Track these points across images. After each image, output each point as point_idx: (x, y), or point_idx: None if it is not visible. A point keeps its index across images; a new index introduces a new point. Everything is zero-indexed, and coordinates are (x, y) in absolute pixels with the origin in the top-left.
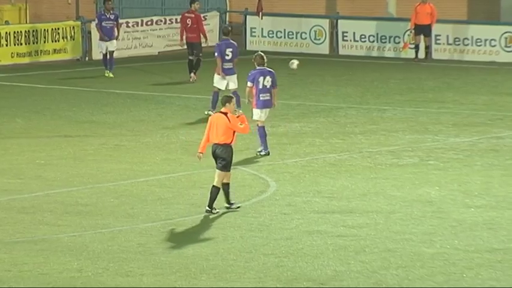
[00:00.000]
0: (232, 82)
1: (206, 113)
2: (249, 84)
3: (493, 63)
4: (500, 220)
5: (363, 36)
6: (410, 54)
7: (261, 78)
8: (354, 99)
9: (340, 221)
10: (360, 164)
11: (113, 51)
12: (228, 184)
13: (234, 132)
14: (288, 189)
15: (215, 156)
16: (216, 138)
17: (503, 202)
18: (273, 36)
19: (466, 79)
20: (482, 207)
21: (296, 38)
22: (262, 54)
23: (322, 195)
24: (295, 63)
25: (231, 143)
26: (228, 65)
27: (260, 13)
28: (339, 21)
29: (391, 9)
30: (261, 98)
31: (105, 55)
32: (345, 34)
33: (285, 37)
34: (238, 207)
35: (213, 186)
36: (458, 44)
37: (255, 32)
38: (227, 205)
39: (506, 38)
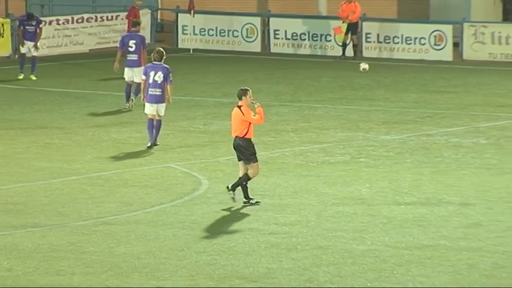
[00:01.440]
0: (136, 75)
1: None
2: (143, 77)
3: (422, 61)
4: (430, 217)
5: (294, 34)
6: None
7: (152, 73)
8: (286, 97)
9: (272, 218)
10: (292, 162)
11: (35, 55)
12: (247, 176)
13: (250, 124)
14: (220, 187)
15: (235, 148)
16: (234, 132)
17: (432, 199)
18: (204, 34)
19: (396, 77)
20: (412, 204)
21: (228, 35)
22: (160, 49)
23: (254, 193)
24: (362, 66)
25: (246, 134)
26: (131, 57)
27: (192, 11)
28: (271, 19)
29: (321, 8)
30: (150, 93)
31: (23, 55)
32: (276, 32)
33: (216, 35)
34: (257, 202)
35: (239, 178)
36: (389, 42)
37: (186, 29)
38: (245, 200)
39: (435, 37)
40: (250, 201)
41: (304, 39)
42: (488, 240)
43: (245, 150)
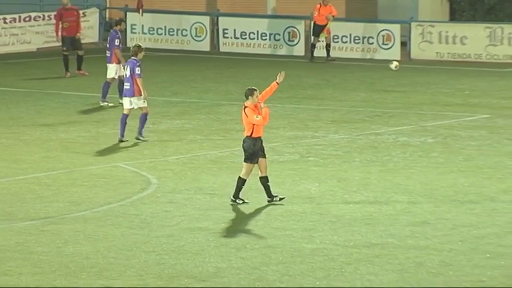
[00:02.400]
0: (108, 71)
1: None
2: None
3: (371, 60)
4: (378, 215)
5: (243, 34)
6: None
7: (127, 68)
8: (235, 96)
9: (222, 217)
10: (241, 161)
11: None
12: (265, 177)
13: (254, 124)
14: (169, 186)
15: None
16: (245, 131)
17: (381, 198)
18: (153, 33)
19: (344, 76)
20: (361, 202)
21: (177, 35)
22: (136, 44)
23: (204, 192)
24: (393, 64)
25: (251, 135)
26: (107, 54)
27: (140, 10)
28: (220, 18)
29: (270, 7)
30: (125, 87)
31: None
32: (225, 31)
33: (165, 34)
34: (282, 198)
35: (238, 177)
36: (337, 42)
37: (135, 28)
38: (268, 199)
39: (383, 36)
40: (274, 198)
41: (253, 38)
42: (436, 238)
43: (248, 149)
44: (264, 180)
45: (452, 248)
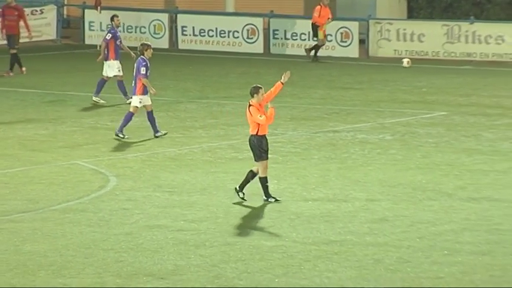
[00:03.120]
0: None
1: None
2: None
3: (329, 57)
4: (337, 212)
5: (202, 31)
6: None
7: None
8: (194, 94)
9: (181, 215)
10: (200, 158)
11: None
12: (264, 178)
13: (259, 123)
14: (128, 184)
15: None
16: (250, 130)
17: (339, 195)
18: None
19: (303, 74)
20: (320, 200)
21: (135, 32)
22: (143, 43)
23: (163, 190)
24: (405, 61)
25: (256, 134)
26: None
27: (98, 7)
28: (178, 15)
29: (229, 5)
30: (132, 85)
31: None
32: (184, 29)
33: (124, 31)
34: (277, 200)
35: (259, 177)
36: (296, 39)
37: (93, 26)
38: (264, 198)
39: (341, 33)
40: (270, 199)
41: (212, 36)
42: (394, 235)
43: (254, 148)
44: (264, 180)
45: (411, 245)
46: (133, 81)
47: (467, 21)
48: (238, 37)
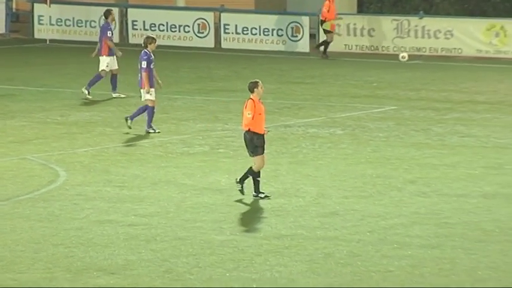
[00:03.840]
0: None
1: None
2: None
3: (280, 52)
4: (288, 207)
5: (152, 25)
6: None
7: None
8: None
9: (131, 210)
10: (151, 153)
11: None
12: (256, 172)
13: (253, 117)
14: (78, 178)
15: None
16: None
17: (290, 189)
18: (61, 25)
19: (254, 68)
20: (273, 194)
21: (85, 26)
22: (148, 35)
23: (113, 185)
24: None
25: (248, 130)
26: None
27: (48, 1)
28: (129, 9)
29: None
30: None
31: None
32: (134, 23)
33: (74, 25)
34: (266, 196)
35: (252, 170)
36: (247, 34)
37: (42, 20)
38: (254, 193)
39: (292, 28)
40: (260, 195)
41: (163, 30)
42: (344, 229)
43: (249, 142)
44: (256, 175)
45: (361, 239)
46: (139, 75)
47: (416, 16)
48: (189, 31)
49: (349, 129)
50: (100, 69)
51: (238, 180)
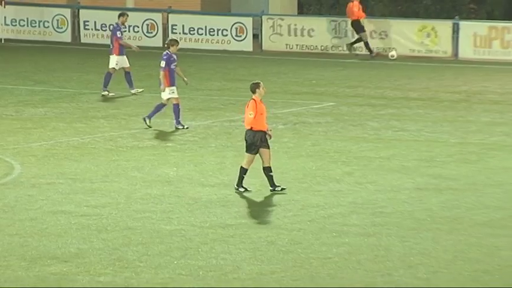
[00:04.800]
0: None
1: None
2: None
3: (225, 51)
4: (233, 198)
5: (103, 26)
6: (157, 43)
7: None
8: (96, 85)
9: (83, 201)
10: (103, 147)
11: None
12: (267, 168)
13: (255, 117)
14: (32, 171)
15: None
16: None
17: (235, 181)
18: (16, 25)
19: (200, 66)
20: (216, 186)
21: (39, 26)
22: (171, 38)
23: (66, 177)
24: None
25: (251, 128)
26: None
27: (3, 2)
28: (81, 10)
29: (129, 0)
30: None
31: None
32: (86, 23)
33: (28, 25)
34: (283, 189)
35: (240, 166)
36: (193, 34)
37: None
38: (271, 188)
39: (236, 28)
40: (276, 188)
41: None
42: (286, 218)
43: (248, 140)
44: (267, 170)
45: (301, 228)
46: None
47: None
48: (138, 31)
49: (290, 124)
50: (110, 67)
51: (236, 186)
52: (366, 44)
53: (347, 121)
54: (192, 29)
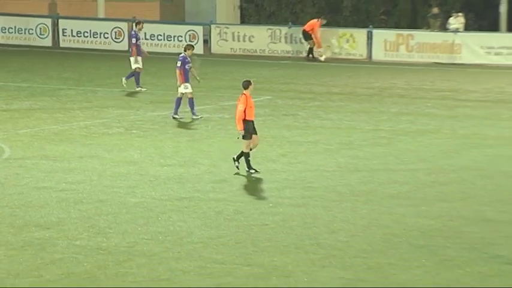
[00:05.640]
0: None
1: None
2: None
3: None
4: (187, 175)
5: (79, 33)
6: (124, 47)
7: None
8: (73, 82)
9: (63, 178)
10: (78, 134)
11: None
12: (247, 153)
13: (245, 109)
14: (19, 153)
15: None
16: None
17: (189, 161)
18: (5, 32)
19: (160, 67)
20: (173, 165)
21: (25, 33)
22: (187, 44)
23: (48, 158)
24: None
25: (244, 118)
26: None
27: None
28: (60, 20)
29: (100, 11)
30: None
31: None
32: (64, 31)
33: (15, 32)
34: (257, 171)
35: (241, 151)
36: (154, 39)
37: None
38: (246, 169)
39: (190, 35)
40: (251, 170)
41: (87, 36)
42: (231, 192)
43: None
44: (247, 155)
45: (244, 200)
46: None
47: (286, 26)
48: (108, 37)
49: (234, 114)
50: (134, 68)
51: (246, 169)
52: (310, 49)
53: (281, 112)
54: (152, 36)
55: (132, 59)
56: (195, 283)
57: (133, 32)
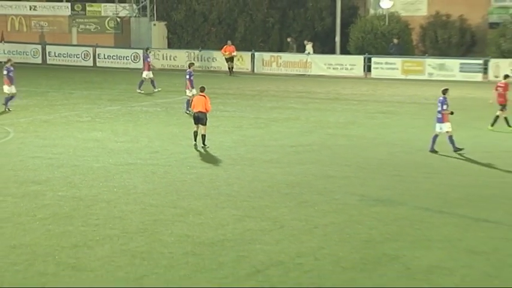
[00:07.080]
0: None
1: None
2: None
3: (127, 69)
4: (133, 148)
5: (59, 54)
6: (90, 64)
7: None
8: (56, 87)
9: (49, 151)
10: (60, 121)
11: None
12: (203, 135)
13: (206, 104)
14: (20, 135)
15: (197, 118)
16: (197, 108)
17: (134, 139)
18: (10, 53)
19: (114, 77)
20: (124, 142)
21: (22, 54)
22: (190, 62)
23: (39, 137)
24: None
25: (199, 111)
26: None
27: (3, 40)
28: (47, 46)
29: (74, 40)
30: None
31: None
32: (50, 53)
33: (16, 54)
34: (207, 147)
35: (202, 134)
36: (109, 58)
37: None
38: (202, 145)
39: (134, 56)
40: (206, 147)
41: (65, 57)
42: (162, 159)
43: (204, 118)
44: (203, 137)
45: (170, 164)
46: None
47: (197, 50)
48: (79, 57)
49: (164, 108)
50: (142, 77)
51: (202, 145)
52: (230, 69)
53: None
54: (109, 56)
55: (144, 73)
56: (139, 219)
57: (146, 54)
